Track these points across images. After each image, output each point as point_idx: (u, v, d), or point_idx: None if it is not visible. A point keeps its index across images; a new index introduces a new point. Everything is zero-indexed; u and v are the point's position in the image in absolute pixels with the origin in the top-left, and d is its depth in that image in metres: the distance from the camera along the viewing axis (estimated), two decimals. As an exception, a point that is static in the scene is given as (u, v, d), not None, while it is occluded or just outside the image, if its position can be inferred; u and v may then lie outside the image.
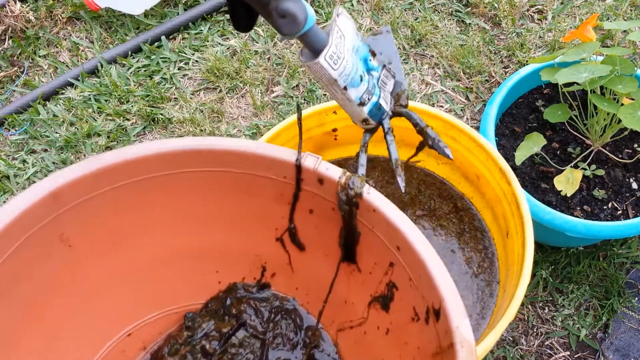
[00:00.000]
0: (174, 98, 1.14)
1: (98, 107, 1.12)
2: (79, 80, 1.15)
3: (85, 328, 0.53)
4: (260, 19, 1.08)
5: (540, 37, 1.21)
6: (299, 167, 0.45)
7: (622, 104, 0.80)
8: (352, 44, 0.53)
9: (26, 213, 0.42)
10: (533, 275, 0.94)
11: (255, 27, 1.23)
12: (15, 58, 1.21)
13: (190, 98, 1.14)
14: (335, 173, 0.44)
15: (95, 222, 0.47)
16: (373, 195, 0.45)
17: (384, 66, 0.59)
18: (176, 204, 0.50)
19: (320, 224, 0.50)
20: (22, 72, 1.19)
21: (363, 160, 0.59)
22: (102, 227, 0.48)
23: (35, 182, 1.04)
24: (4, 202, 1.02)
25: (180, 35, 1.23)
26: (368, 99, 0.55)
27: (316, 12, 1.26)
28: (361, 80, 0.54)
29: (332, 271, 0.53)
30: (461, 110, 1.13)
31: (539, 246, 0.95)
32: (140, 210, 0.49)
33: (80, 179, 0.43)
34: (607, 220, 0.85)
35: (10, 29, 1.21)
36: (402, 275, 0.47)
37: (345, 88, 0.52)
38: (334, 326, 0.58)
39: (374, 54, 0.57)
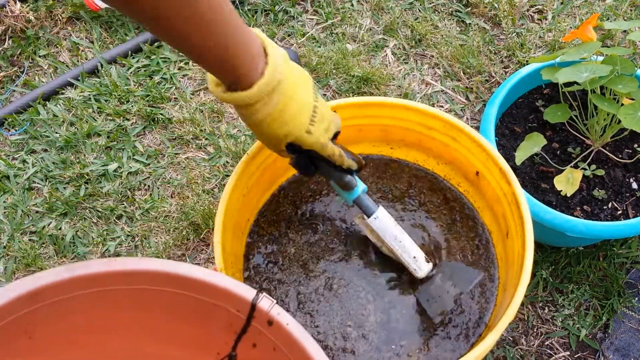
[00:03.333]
0: (174, 98, 1.14)
1: (98, 107, 1.12)
2: (79, 80, 1.15)
3: None
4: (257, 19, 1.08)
5: (540, 37, 1.21)
6: (254, 306, 0.50)
7: (622, 104, 0.80)
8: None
9: (4, 307, 0.46)
10: (533, 275, 0.94)
11: (255, 28, 1.23)
12: (15, 58, 1.21)
13: (190, 98, 1.14)
14: (284, 319, 0.50)
15: (59, 319, 0.51)
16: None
17: None
18: (131, 315, 0.54)
19: (259, 359, 0.54)
20: (22, 72, 1.19)
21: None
22: (64, 324, 0.52)
23: (35, 182, 1.04)
24: None
25: (180, 35, 1.23)
26: None
27: (315, 12, 1.26)
28: None
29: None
30: (461, 110, 1.13)
31: (539, 246, 0.95)
32: (98, 314, 0.53)
33: (60, 282, 0.48)
34: (607, 220, 0.85)
35: (10, 29, 1.21)
36: None
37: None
38: None
39: None
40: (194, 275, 0.50)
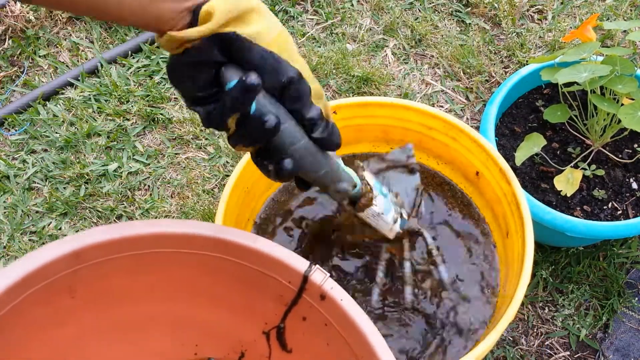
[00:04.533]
0: (174, 98, 1.14)
1: (98, 107, 1.12)
2: (79, 80, 1.16)
3: None
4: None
5: (540, 37, 1.21)
6: (306, 278, 0.48)
7: (622, 104, 0.80)
8: (379, 188, 0.69)
9: (47, 266, 0.44)
10: (533, 275, 0.94)
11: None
12: (15, 58, 1.21)
13: (190, 98, 1.14)
14: (338, 294, 0.47)
15: (101, 280, 0.50)
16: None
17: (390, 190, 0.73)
18: (177, 278, 0.53)
19: (309, 333, 0.52)
20: (22, 72, 1.19)
21: None
22: (106, 284, 0.51)
23: (35, 182, 1.04)
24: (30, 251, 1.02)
25: (180, 35, 1.23)
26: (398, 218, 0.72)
27: (316, 12, 1.26)
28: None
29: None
30: (461, 110, 1.13)
31: (539, 246, 0.95)
32: (142, 276, 0.52)
33: (103, 243, 0.47)
34: (607, 220, 0.85)
35: (10, 29, 1.21)
36: None
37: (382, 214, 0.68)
38: None
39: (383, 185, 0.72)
40: (244, 242, 0.48)
